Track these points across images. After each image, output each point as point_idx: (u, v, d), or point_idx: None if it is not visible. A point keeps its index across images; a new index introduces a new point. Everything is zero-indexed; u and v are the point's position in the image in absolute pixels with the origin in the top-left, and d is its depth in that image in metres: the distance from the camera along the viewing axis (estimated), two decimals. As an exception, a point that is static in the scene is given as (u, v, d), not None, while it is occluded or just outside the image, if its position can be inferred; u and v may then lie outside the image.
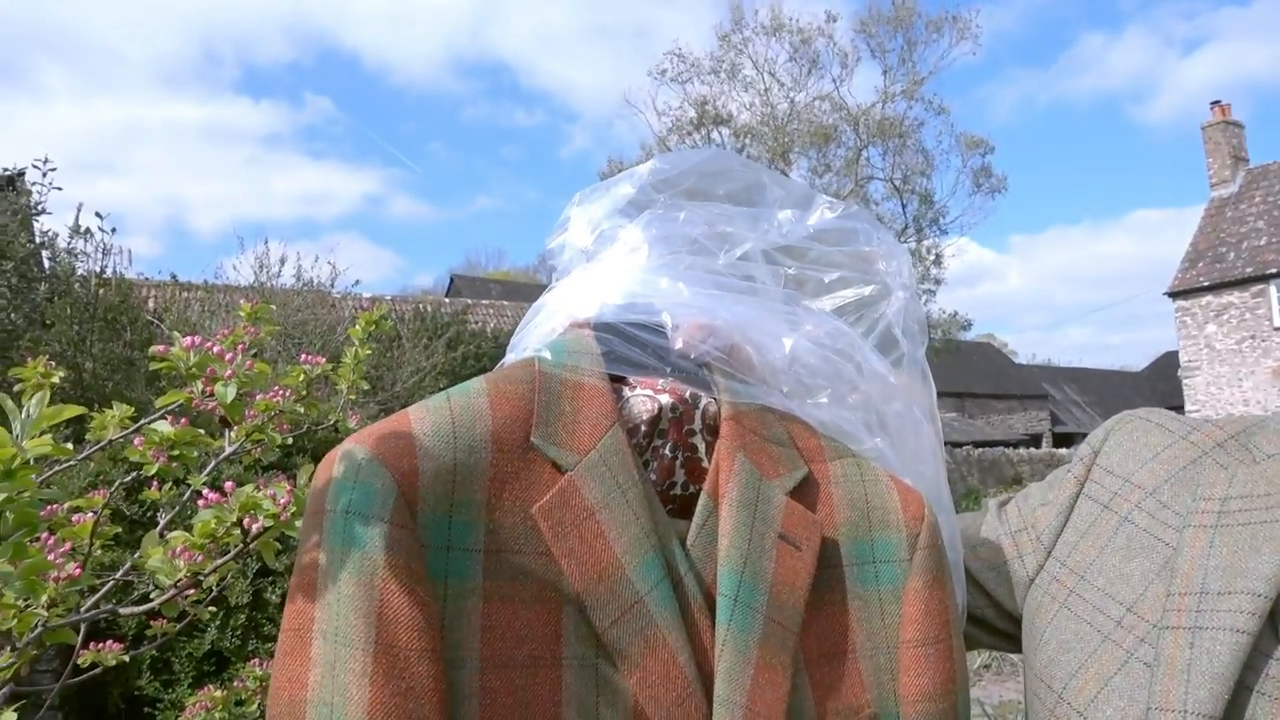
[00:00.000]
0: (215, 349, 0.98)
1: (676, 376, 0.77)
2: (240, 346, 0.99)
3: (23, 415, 0.67)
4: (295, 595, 0.65)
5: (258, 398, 1.17)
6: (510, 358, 0.82)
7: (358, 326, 1.70)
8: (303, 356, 1.37)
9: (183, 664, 4.18)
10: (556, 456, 0.69)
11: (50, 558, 0.94)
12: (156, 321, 6.77)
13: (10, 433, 0.68)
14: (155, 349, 0.99)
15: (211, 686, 1.52)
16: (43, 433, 0.70)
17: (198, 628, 4.08)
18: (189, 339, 0.98)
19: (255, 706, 1.48)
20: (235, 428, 1.20)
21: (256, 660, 1.54)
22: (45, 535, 1.00)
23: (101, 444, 1.02)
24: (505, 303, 19.10)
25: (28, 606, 0.81)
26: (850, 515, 0.77)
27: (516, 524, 0.67)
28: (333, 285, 10.01)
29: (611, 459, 0.70)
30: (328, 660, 0.61)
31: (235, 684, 1.51)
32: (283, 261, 9.62)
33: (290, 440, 1.34)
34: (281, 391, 1.22)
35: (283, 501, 0.95)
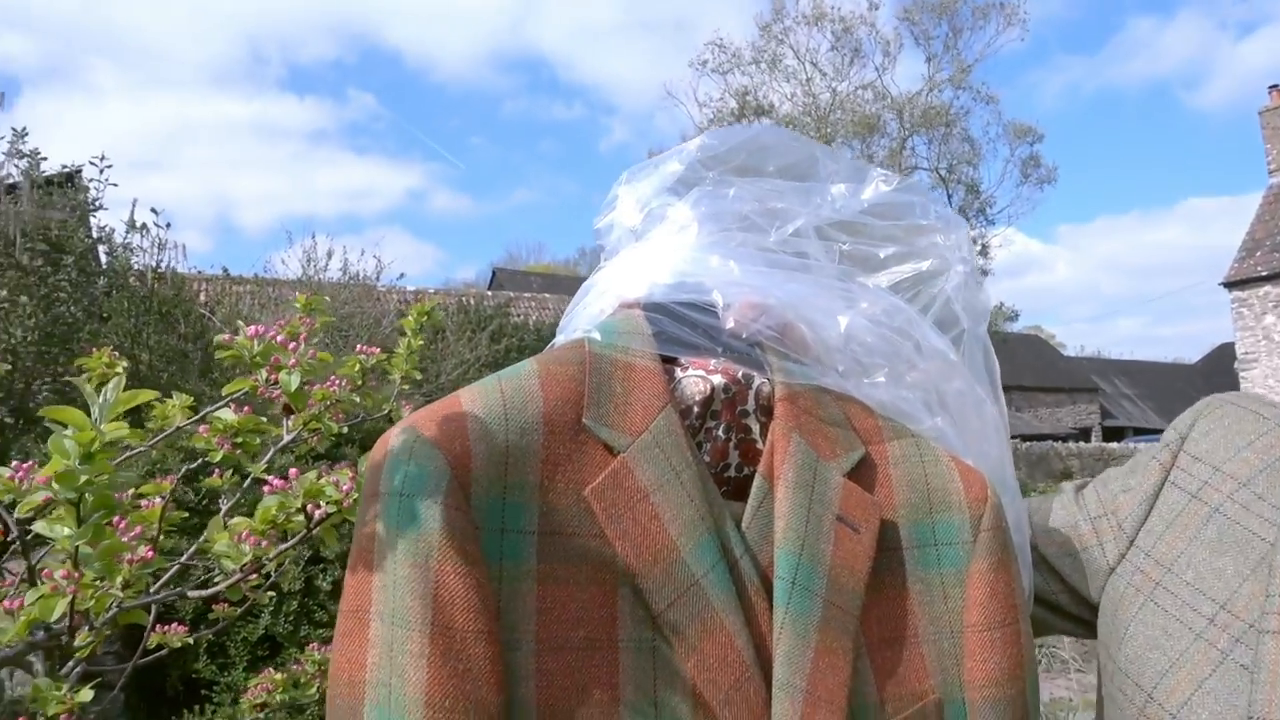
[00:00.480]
0: (278, 338, 1.00)
1: (729, 356, 0.76)
2: (303, 336, 1.01)
3: (100, 400, 0.69)
4: (352, 577, 0.66)
5: (314, 388, 1.19)
6: (560, 339, 0.82)
7: (410, 318, 1.72)
8: (358, 347, 1.39)
9: (238, 648, 4.28)
10: (608, 438, 0.69)
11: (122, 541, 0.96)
12: (208, 314, 6.92)
13: (89, 417, 0.70)
14: (221, 338, 1.01)
15: (271, 669, 1.56)
16: (117, 418, 0.72)
17: (253, 613, 4.18)
18: (253, 328, 1.00)
19: (314, 690, 1.51)
20: (293, 417, 1.22)
21: (314, 645, 1.57)
22: (115, 519, 1.04)
23: (168, 431, 1.05)
24: (547, 295, 19.22)
25: (103, 587, 0.84)
26: (910, 497, 0.76)
27: (570, 506, 0.67)
28: (378, 279, 10.14)
29: (664, 440, 0.69)
30: (385, 641, 0.62)
31: (294, 667, 1.54)
32: (329, 255, 9.77)
33: (345, 429, 1.36)
34: (338, 381, 1.24)
35: (345, 488, 0.97)
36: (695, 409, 0.74)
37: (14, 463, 0.95)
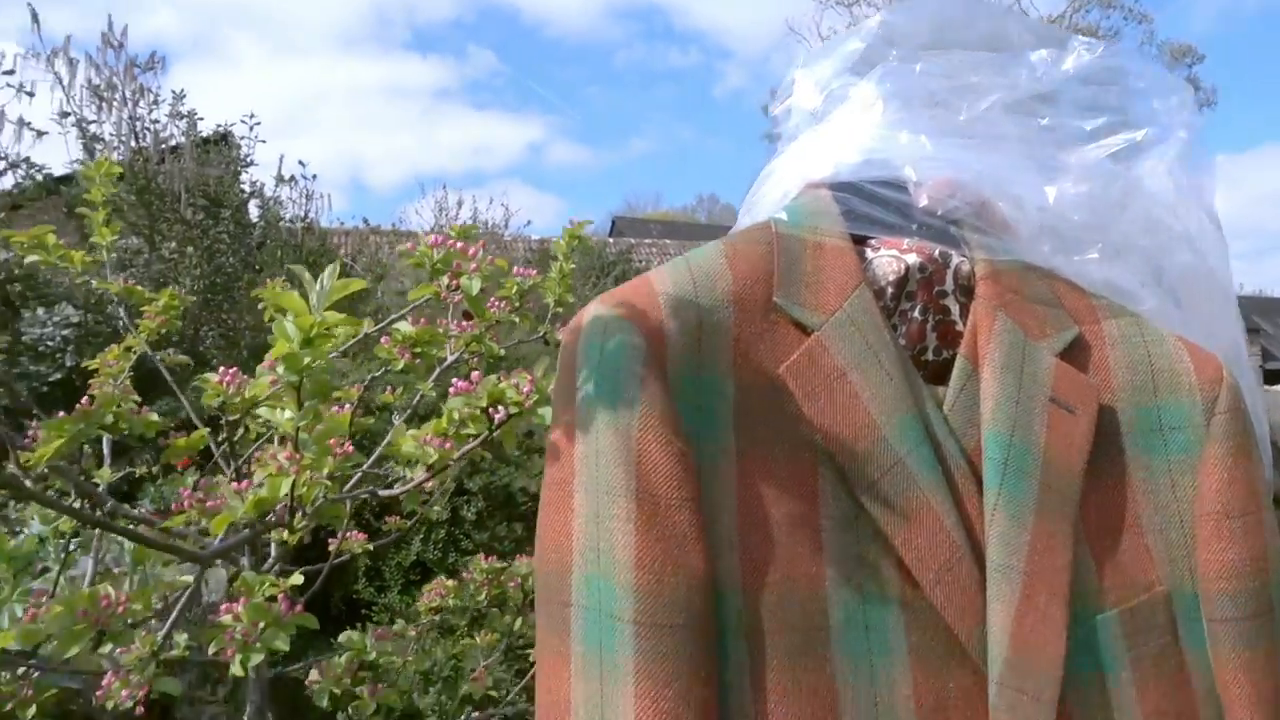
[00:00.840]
0: (458, 245, 1.03)
1: (923, 235, 0.72)
2: (481, 243, 1.04)
3: (318, 288, 0.73)
4: (554, 450, 0.66)
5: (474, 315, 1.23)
6: (744, 221, 0.80)
7: (562, 240, 1.74)
8: (515, 269, 1.42)
9: (392, 572, 4.56)
10: (801, 317, 0.67)
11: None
12: (351, 263, 7.24)
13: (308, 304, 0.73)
14: (403, 247, 1.05)
15: (443, 577, 1.65)
16: (330, 307, 0.76)
17: (405, 541, 4.43)
18: (433, 237, 1.04)
19: (483, 596, 1.59)
20: (461, 331, 1.27)
21: (484, 556, 1.65)
22: (312, 422, 1.10)
23: (359, 335, 1.10)
24: (667, 241, 19.22)
25: (315, 476, 0.90)
26: (1131, 379, 0.70)
27: (764, 384, 0.66)
28: (506, 227, 10.35)
29: (860, 319, 0.67)
30: (591, 510, 0.62)
31: (464, 575, 1.63)
32: (459, 205, 10.04)
33: (503, 352, 1.40)
34: (497, 303, 1.28)
35: (525, 390, 0.99)
36: (889, 290, 0.71)
37: (220, 368, 1.03)
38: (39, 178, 5.71)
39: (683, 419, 0.64)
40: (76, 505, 1.01)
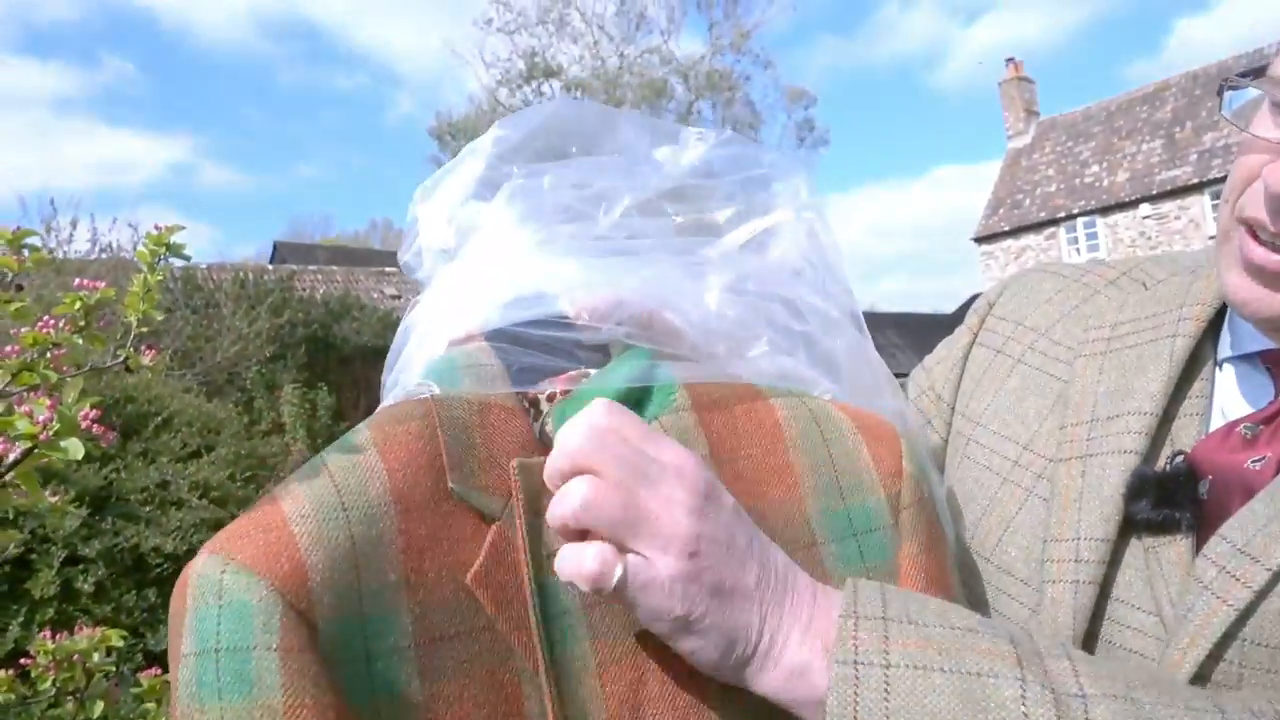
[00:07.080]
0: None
1: (596, 367, 0.65)
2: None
3: None
4: None
5: (22, 331, 0.98)
6: (394, 394, 0.66)
7: (144, 248, 1.46)
8: (75, 281, 1.17)
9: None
10: (480, 503, 0.57)
11: None
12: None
13: None
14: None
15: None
16: None
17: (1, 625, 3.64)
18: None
19: (49, 683, 1.27)
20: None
21: (45, 633, 1.30)
22: None
23: None
24: (334, 267, 18.13)
25: None
26: (815, 483, 0.66)
27: (448, 597, 0.55)
28: (135, 249, 9.11)
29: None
30: None
31: (23, 661, 1.28)
32: (74, 225, 8.71)
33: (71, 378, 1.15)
34: (53, 322, 1.03)
35: (42, 419, 0.79)
36: None
37: None
38: None
39: (349, 683, 0.51)
40: None
